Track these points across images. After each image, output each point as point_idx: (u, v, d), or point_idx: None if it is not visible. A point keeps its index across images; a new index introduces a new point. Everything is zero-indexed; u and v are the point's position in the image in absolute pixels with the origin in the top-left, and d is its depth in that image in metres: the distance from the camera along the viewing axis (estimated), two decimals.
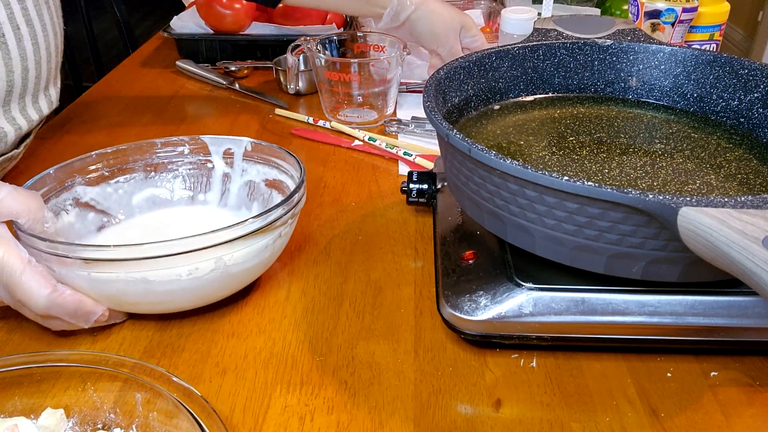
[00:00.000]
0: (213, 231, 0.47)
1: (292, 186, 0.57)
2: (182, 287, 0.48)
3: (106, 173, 0.60)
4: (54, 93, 0.70)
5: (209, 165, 0.63)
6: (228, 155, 0.62)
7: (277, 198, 0.59)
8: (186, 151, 0.63)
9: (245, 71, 1.01)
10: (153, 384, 0.41)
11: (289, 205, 0.51)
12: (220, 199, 0.63)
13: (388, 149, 0.77)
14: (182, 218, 0.62)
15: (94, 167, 0.59)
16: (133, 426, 0.42)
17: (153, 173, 0.62)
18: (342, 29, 1.05)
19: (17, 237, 0.48)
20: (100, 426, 0.42)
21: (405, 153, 0.76)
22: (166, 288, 0.48)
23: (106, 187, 0.60)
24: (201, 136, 0.63)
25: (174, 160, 0.63)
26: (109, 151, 0.60)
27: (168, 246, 0.46)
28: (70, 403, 0.43)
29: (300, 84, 0.93)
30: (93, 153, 0.59)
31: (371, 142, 0.79)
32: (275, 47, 1.01)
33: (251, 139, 0.61)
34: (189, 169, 0.63)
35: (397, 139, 0.81)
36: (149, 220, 0.62)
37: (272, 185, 0.60)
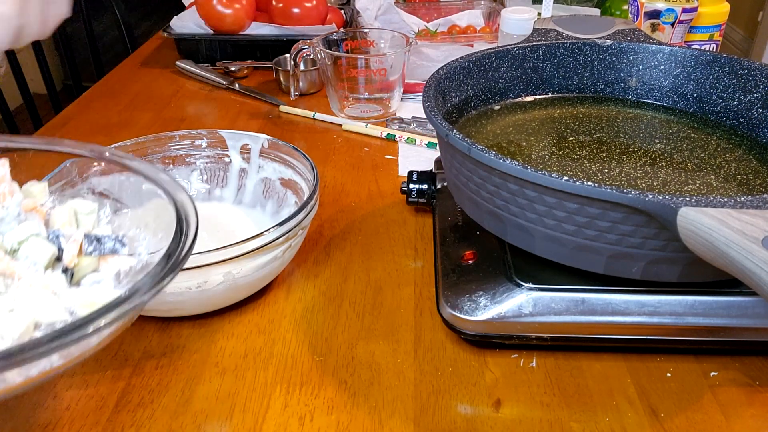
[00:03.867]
0: (223, 247, 0.47)
1: (305, 188, 0.57)
2: (191, 298, 0.49)
3: None
4: None
5: (226, 159, 0.63)
6: (245, 151, 0.63)
7: (292, 198, 0.60)
8: (204, 145, 0.63)
9: (245, 71, 1.01)
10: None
11: (299, 219, 0.51)
12: (236, 196, 0.64)
13: (391, 138, 0.77)
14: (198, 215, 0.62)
15: None
16: None
17: (171, 166, 0.63)
18: (342, 29, 1.05)
19: None
20: None
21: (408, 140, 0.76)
22: (175, 299, 0.48)
23: (118, 176, 0.60)
24: (218, 130, 0.63)
25: (192, 153, 0.63)
26: (129, 144, 0.60)
27: None
28: None
29: (300, 85, 0.93)
30: (112, 146, 0.60)
31: (390, 138, 0.80)
32: (275, 47, 1.01)
33: (268, 137, 0.61)
34: (206, 163, 0.64)
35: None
36: None
37: (287, 185, 0.61)
